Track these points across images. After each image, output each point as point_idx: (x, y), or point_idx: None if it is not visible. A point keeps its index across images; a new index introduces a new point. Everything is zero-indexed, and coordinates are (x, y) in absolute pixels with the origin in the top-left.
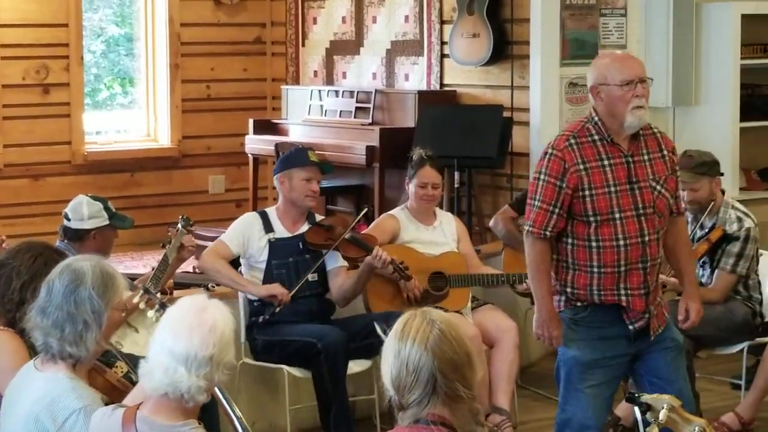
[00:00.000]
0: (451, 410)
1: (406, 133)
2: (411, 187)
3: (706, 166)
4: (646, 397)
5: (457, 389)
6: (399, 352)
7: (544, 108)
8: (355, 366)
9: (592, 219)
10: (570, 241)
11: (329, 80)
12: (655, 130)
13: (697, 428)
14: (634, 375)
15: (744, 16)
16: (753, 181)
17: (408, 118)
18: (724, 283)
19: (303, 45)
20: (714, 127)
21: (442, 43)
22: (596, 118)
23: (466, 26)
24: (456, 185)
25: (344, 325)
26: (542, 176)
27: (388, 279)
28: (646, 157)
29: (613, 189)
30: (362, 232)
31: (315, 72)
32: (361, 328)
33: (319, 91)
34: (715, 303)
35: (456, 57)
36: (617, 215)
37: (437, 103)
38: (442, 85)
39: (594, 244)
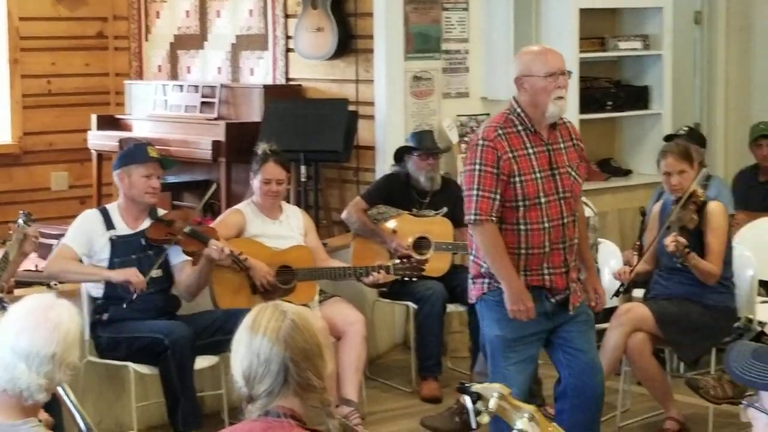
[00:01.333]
0: (302, 401)
1: (252, 127)
2: (255, 183)
3: None
4: (476, 387)
5: (309, 378)
6: (250, 343)
7: (388, 102)
8: (203, 361)
9: (521, 204)
10: (500, 226)
11: (173, 75)
12: (566, 121)
13: (526, 415)
14: (549, 347)
15: (582, 10)
16: (592, 172)
17: (254, 113)
18: None
19: (146, 39)
20: None
21: (287, 37)
22: (518, 109)
23: (311, 20)
24: (302, 179)
25: (191, 321)
26: (478, 166)
27: (233, 272)
28: (562, 145)
29: (538, 175)
30: (207, 226)
31: (159, 67)
32: (208, 323)
33: (164, 85)
34: None
35: (301, 51)
36: (542, 199)
37: (283, 97)
38: (287, 79)
39: (522, 227)
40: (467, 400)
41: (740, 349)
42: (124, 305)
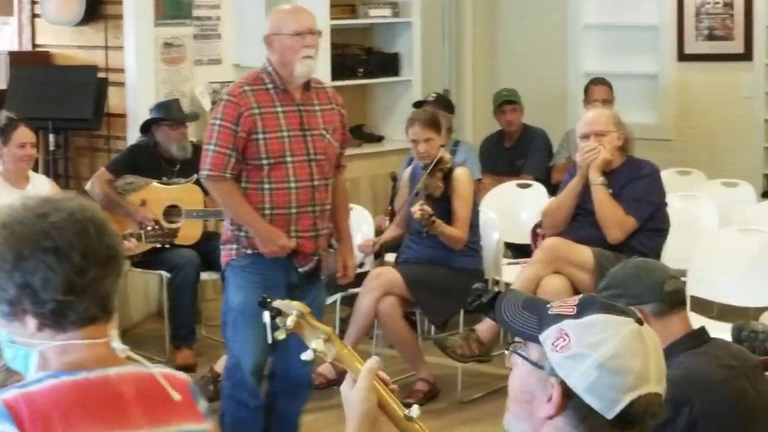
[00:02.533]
0: None
1: None
2: (6, 150)
3: None
4: (277, 303)
5: None
6: None
7: (139, 69)
8: None
9: (265, 162)
10: (244, 185)
11: None
12: (326, 86)
13: (323, 336)
14: None
15: None
16: (346, 138)
17: None
18: None
19: None
20: None
21: (33, 2)
22: (270, 68)
23: None
24: (51, 148)
25: None
26: (218, 122)
27: None
28: (317, 108)
29: (285, 134)
30: None
31: None
32: None
33: None
34: None
35: (48, 16)
36: (289, 159)
37: (29, 64)
38: (34, 45)
39: (267, 186)
40: (266, 315)
41: (511, 298)
42: None
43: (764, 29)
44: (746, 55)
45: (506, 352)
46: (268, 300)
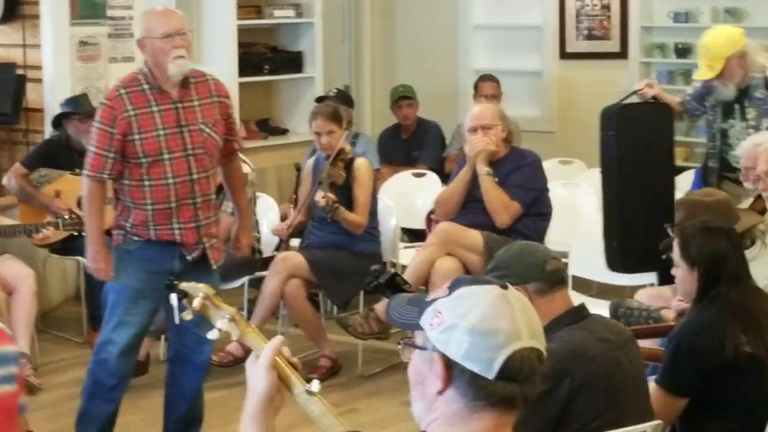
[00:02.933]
0: None
1: None
2: None
3: None
4: (184, 285)
5: None
6: None
7: (56, 66)
8: None
9: (143, 161)
10: (127, 182)
11: None
12: (209, 78)
13: (227, 316)
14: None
15: None
16: (252, 132)
17: None
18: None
19: None
20: None
21: None
22: (146, 69)
23: None
24: None
25: None
26: (97, 125)
27: None
28: (196, 103)
29: (161, 132)
30: None
31: None
32: None
33: None
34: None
35: None
36: (166, 156)
37: None
38: None
39: (147, 183)
40: (173, 297)
41: (398, 299)
42: None
43: (638, 30)
44: (622, 54)
45: (399, 346)
46: (175, 282)
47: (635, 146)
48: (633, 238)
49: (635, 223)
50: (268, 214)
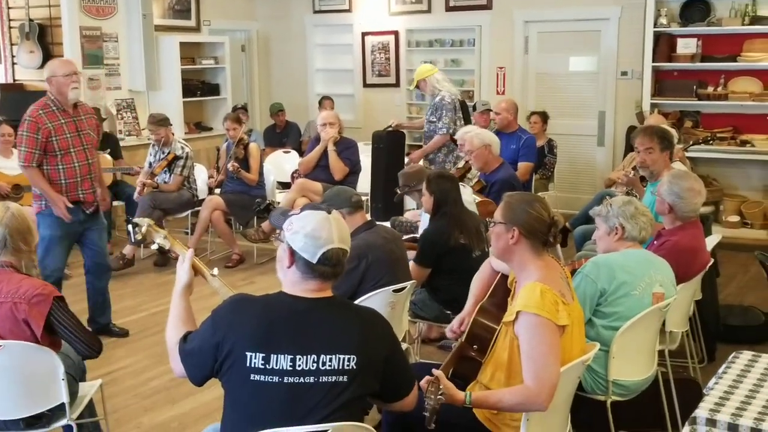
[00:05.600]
0: (16, 258)
1: None
2: None
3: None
4: (136, 219)
5: (20, 245)
6: None
7: None
8: None
9: (58, 153)
10: (46, 167)
11: None
12: (85, 103)
13: (162, 234)
14: (81, 241)
15: (181, 43)
16: (192, 129)
17: None
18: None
19: None
20: (169, 102)
21: (13, 55)
22: (52, 97)
23: (26, 46)
24: None
25: None
26: (25, 133)
27: None
28: (83, 117)
29: (68, 135)
30: None
31: None
32: None
33: None
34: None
35: (21, 63)
36: (72, 150)
37: (12, 90)
38: (14, 79)
39: (61, 167)
40: (129, 227)
41: (277, 211)
42: None
43: (405, 71)
44: (396, 85)
45: (273, 240)
46: (130, 218)
47: (388, 152)
48: (387, 200)
49: (386, 193)
50: (201, 175)
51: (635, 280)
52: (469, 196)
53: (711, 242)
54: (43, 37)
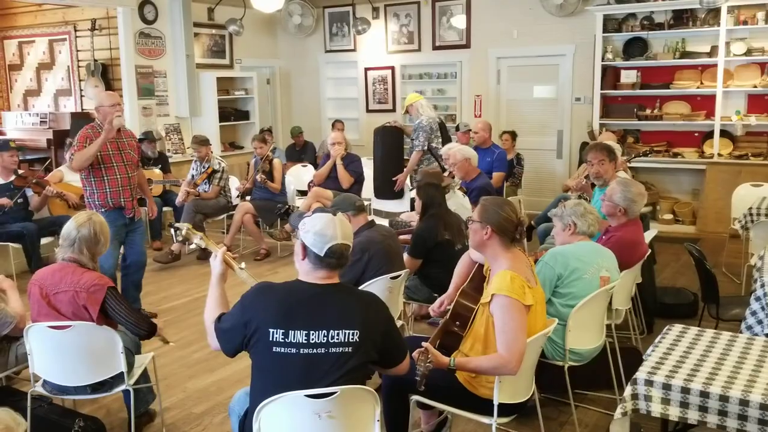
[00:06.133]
0: (80, 256)
1: (65, 133)
2: (67, 155)
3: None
4: (176, 224)
5: (83, 248)
6: (67, 227)
7: (131, 119)
8: (44, 240)
9: (102, 166)
10: (94, 179)
11: (26, 108)
12: (128, 129)
13: (200, 235)
14: (125, 241)
15: (218, 78)
16: (227, 147)
17: (65, 123)
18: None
19: (10, 92)
20: (208, 125)
21: (81, 89)
22: (99, 122)
23: (92, 81)
24: None
25: (38, 221)
26: (76, 142)
27: (58, 198)
28: (125, 140)
29: (111, 152)
30: (44, 178)
31: (18, 105)
32: (46, 222)
33: (21, 114)
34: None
35: (87, 95)
36: (115, 164)
37: (80, 118)
38: (82, 108)
39: (106, 178)
40: (172, 229)
41: (295, 214)
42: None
43: (400, 99)
44: (393, 110)
45: (293, 237)
46: (173, 223)
47: (388, 146)
48: (385, 186)
49: (383, 175)
50: (234, 185)
51: (586, 267)
52: (462, 200)
53: (649, 236)
54: (106, 74)
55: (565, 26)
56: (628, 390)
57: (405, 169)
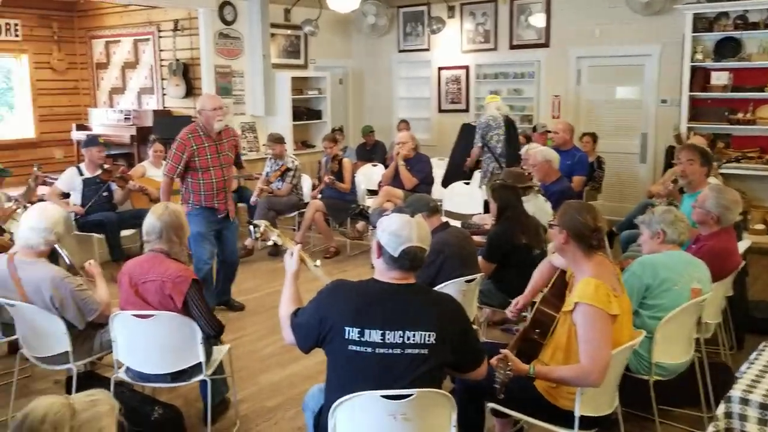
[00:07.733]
0: (169, 246)
1: (149, 129)
2: (149, 152)
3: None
4: (255, 221)
5: (172, 237)
6: (149, 219)
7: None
8: (126, 232)
9: (199, 169)
10: (190, 180)
11: (111, 105)
12: (229, 127)
13: (277, 232)
14: (219, 238)
15: (292, 77)
16: (299, 146)
17: (149, 121)
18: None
19: (97, 89)
20: (282, 124)
21: (163, 88)
22: (201, 124)
23: (173, 80)
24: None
25: (121, 213)
26: (174, 150)
27: (140, 193)
28: (224, 141)
29: (209, 156)
30: (127, 173)
31: (104, 102)
32: (128, 215)
33: (106, 110)
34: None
35: (169, 94)
36: (211, 167)
37: (162, 116)
38: (164, 106)
39: (201, 181)
40: (250, 227)
41: (375, 212)
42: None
43: (474, 99)
44: (466, 110)
45: (369, 234)
46: (251, 221)
47: (464, 140)
48: (456, 175)
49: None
50: (306, 183)
51: (676, 277)
52: (542, 203)
53: (742, 246)
54: (186, 73)
55: (651, 25)
56: (721, 408)
57: (469, 159)
